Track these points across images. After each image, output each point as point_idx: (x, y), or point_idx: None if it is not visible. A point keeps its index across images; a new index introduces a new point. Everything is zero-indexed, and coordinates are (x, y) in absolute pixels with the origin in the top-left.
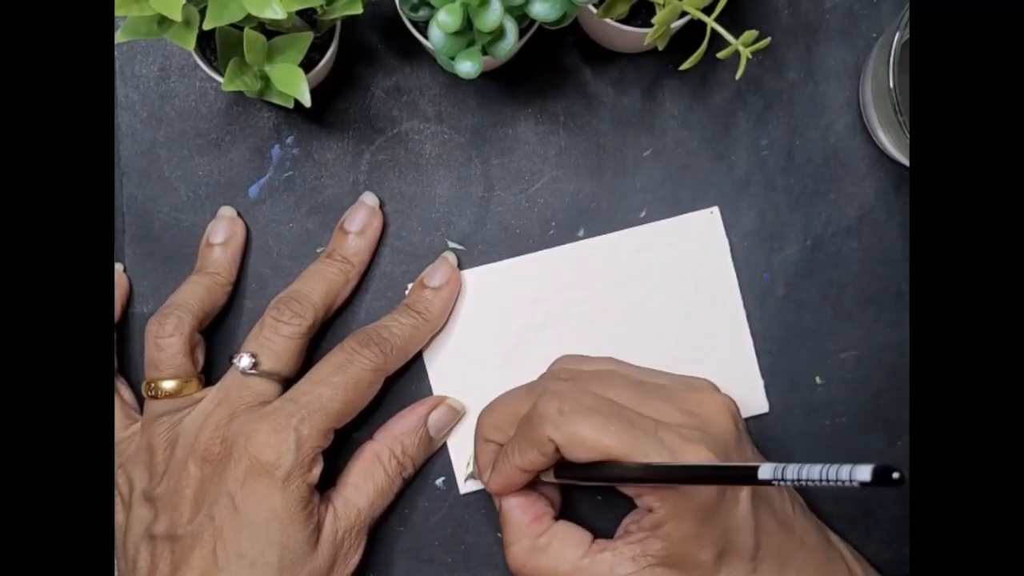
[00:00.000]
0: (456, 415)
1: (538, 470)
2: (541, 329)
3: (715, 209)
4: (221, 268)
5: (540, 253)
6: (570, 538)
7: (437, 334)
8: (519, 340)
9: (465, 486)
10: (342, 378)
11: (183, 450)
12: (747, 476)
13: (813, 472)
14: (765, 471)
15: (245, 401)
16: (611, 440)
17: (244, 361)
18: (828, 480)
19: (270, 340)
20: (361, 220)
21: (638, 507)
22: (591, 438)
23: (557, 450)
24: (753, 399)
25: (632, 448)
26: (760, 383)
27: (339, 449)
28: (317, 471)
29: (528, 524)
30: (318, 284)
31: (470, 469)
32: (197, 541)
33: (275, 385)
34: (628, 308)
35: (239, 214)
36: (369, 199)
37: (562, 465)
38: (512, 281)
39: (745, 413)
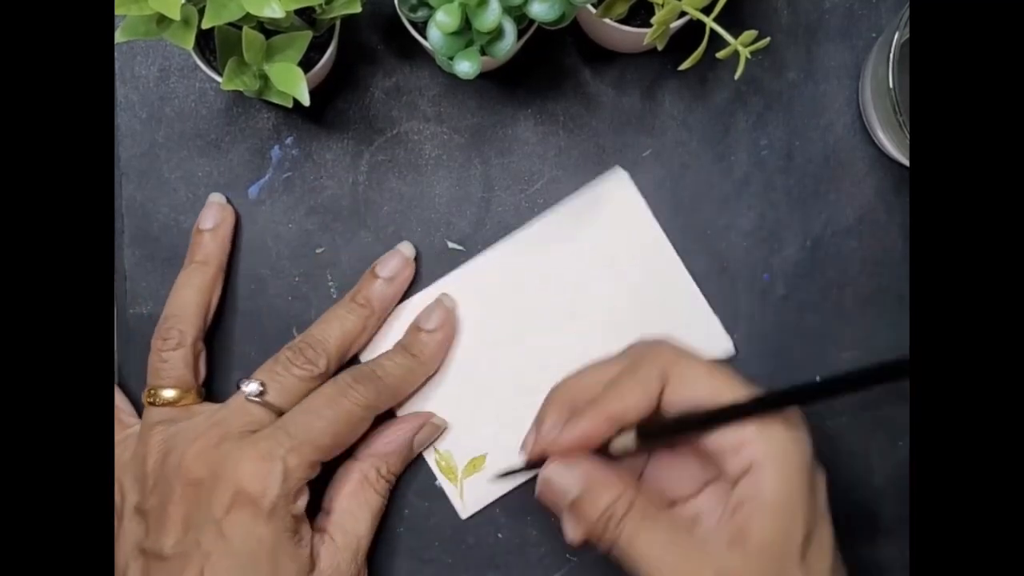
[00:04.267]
0: (439, 432)
1: (628, 419)
2: (498, 334)
3: (617, 168)
4: (211, 255)
5: (473, 262)
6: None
7: (431, 376)
8: (479, 351)
9: (467, 510)
10: (334, 412)
11: (171, 468)
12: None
13: None
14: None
15: (238, 426)
16: (724, 384)
17: (251, 387)
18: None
19: (281, 376)
20: (393, 267)
21: (729, 481)
22: (705, 378)
23: (660, 394)
24: (716, 342)
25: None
26: (717, 323)
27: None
28: (302, 502)
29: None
30: (335, 330)
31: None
32: (186, 563)
33: (273, 417)
34: (574, 290)
35: (228, 200)
36: (406, 249)
37: (646, 426)
38: (458, 294)
39: (713, 357)
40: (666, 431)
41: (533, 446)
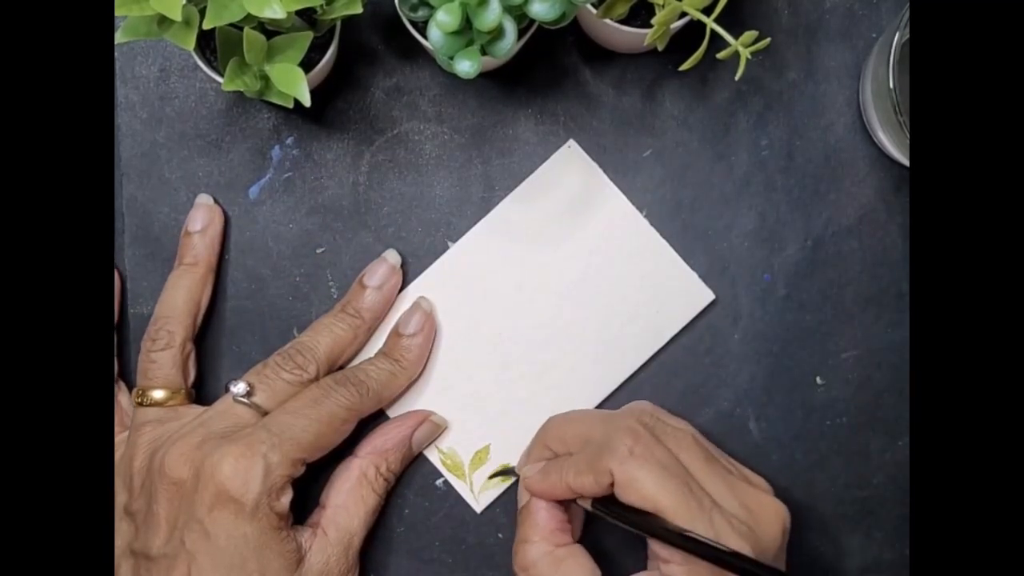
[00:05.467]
0: (439, 430)
1: (584, 495)
2: (481, 323)
3: (571, 142)
4: (200, 257)
5: (444, 257)
6: (584, 566)
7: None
8: (465, 344)
9: (479, 503)
10: (316, 411)
11: (155, 468)
12: None
13: None
14: None
15: (223, 427)
16: (666, 499)
17: (239, 387)
18: None
19: (270, 379)
20: (381, 276)
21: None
22: (649, 488)
23: (612, 485)
24: (697, 294)
25: (683, 515)
26: (694, 276)
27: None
28: (286, 500)
29: (550, 530)
30: (325, 338)
31: (498, 467)
32: (173, 563)
33: (259, 419)
34: (547, 264)
35: (216, 200)
36: (391, 257)
37: (605, 500)
38: (436, 288)
39: (695, 309)
40: (614, 516)
41: (520, 476)
